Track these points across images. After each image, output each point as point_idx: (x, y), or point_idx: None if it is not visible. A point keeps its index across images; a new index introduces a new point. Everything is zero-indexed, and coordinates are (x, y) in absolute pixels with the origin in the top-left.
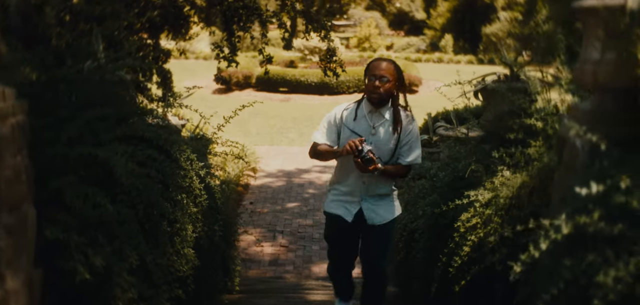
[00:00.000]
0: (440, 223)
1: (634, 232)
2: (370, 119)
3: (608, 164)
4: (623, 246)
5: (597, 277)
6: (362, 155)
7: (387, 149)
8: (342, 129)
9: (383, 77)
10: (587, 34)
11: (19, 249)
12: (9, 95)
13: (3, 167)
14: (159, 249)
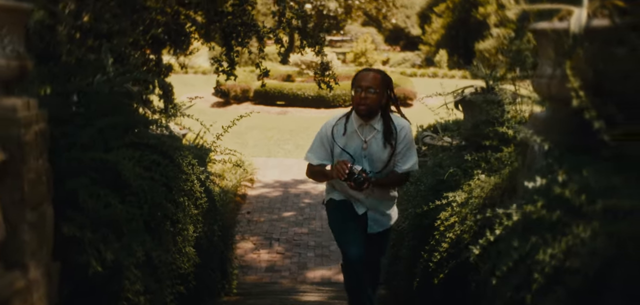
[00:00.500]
0: (423, 223)
1: (567, 218)
2: (361, 132)
3: (551, 162)
4: (559, 229)
5: (537, 255)
6: (353, 179)
7: (382, 160)
8: (334, 146)
9: (369, 88)
10: (541, 52)
11: (40, 243)
12: (33, 106)
13: (27, 170)
14: (162, 247)
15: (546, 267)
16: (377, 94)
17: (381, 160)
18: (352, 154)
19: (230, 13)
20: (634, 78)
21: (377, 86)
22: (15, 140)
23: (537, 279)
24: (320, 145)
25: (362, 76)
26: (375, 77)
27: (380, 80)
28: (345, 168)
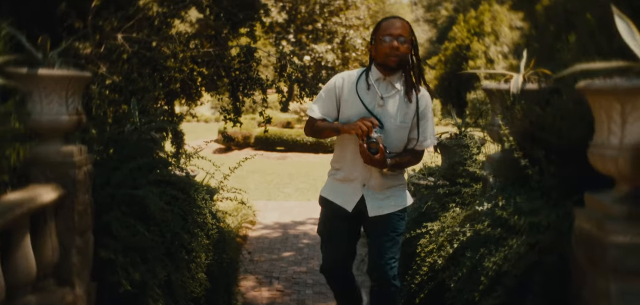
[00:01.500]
0: (407, 251)
1: (505, 233)
2: (377, 87)
3: (496, 191)
4: (499, 242)
5: (484, 263)
6: (369, 142)
7: (396, 126)
8: (342, 100)
9: (400, 36)
10: (491, 106)
11: (84, 265)
12: (83, 151)
13: (77, 203)
14: (179, 271)
15: (490, 271)
16: (408, 44)
17: (395, 127)
18: (366, 106)
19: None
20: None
21: (408, 35)
22: (70, 179)
23: (483, 281)
24: (326, 96)
25: (391, 23)
26: (404, 26)
27: (410, 30)
28: (370, 125)
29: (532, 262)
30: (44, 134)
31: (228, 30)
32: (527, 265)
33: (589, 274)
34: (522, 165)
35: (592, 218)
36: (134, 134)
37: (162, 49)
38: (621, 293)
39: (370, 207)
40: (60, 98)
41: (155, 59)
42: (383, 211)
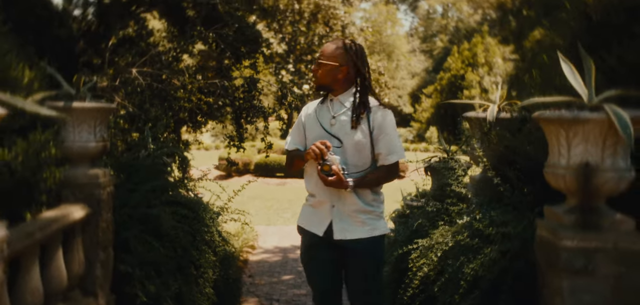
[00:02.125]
0: (401, 266)
1: (481, 243)
2: (331, 107)
3: (474, 207)
4: (476, 251)
5: (463, 269)
6: (324, 162)
7: (354, 143)
8: (306, 125)
9: (320, 60)
10: (471, 132)
11: (105, 277)
12: (106, 174)
13: (102, 220)
14: (189, 286)
15: (468, 276)
16: (332, 66)
17: (353, 143)
18: (323, 126)
19: (241, 98)
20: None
21: (334, 58)
22: (96, 199)
23: (463, 285)
24: (296, 127)
25: (323, 48)
26: (329, 48)
27: (340, 53)
28: (322, 148)
29: (503, 267)
30: (75, 158)
31: (232, 62)
32: (499, 270)
33: (547, 274)
34: (495, 184)
35: (548, 227)
36: (147, 159)
37: (172, 81)
38: (571, 289)
39: (335, 230)
40: (89, 127)
41: (166, 90)
42: (349, 235)
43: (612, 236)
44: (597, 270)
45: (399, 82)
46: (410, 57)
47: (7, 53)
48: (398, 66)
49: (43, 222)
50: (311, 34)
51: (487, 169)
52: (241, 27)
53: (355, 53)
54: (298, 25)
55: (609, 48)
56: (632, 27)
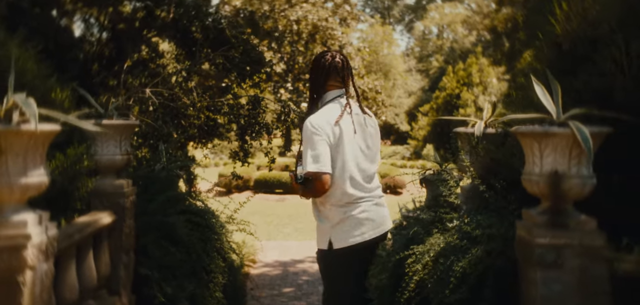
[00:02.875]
0: (398, 272)
1: (469, 244)
2: None
3: (464, 213)
4: (465, 251)
5: (453, 267)
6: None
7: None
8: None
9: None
10: (461, 146)
11: (128, 279)
12: (129, 184)
13: (125, 226)
14: (201, 289)
15: (457, 274)
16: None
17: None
18: None
19: (246, 115)
20: (507, 164)
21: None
22: (121, 206)
23: (452, 281)
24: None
25: None
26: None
27: (311, 67)
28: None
29: (487, 264)
30: (103, 170)
31: (237, 81)
32: (484, 267)
33: (524, 268)
34: (482, 192)
35: (525, 227)
36: (162, 172)
37: (182, 100)
38: (544, 280)
39: None
40: (116, 142)
41: (177, 108)
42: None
43: (577, 234)
44: (565, 264)
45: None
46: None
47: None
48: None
49: (79, 226)
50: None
51: (475, 178)
52: (247, 50)
53: (314, 62)
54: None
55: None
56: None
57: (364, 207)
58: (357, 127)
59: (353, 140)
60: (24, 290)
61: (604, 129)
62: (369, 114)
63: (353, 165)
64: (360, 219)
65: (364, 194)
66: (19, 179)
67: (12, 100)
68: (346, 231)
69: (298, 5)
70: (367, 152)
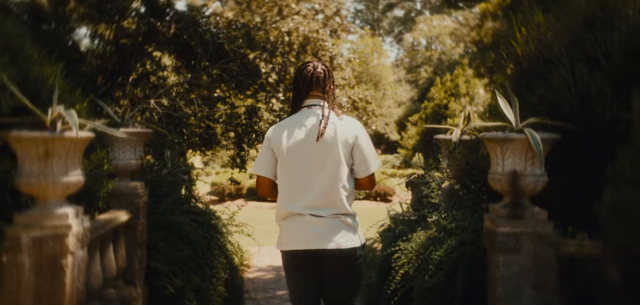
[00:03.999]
0: (385, 267)
1: (445, 236)
2: None
3: (442, 209)
4: (442, 242)
5: (431, 256)
6: None
7: None
8: None
9: None
10: (441, 151)
11: (141, 271)
12: (142, 186)
13: (139, 224)
14: (205, 282)
15: (435, 261)
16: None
17: None
18: None
19: (244, 124)
20: (480, 166)
21: None
22: (135, 206)
23: (431, 268)
24: None
25: None
26: None
27: (294, 77)
28: None
29: (460, 252)
30: (120, 173)
31: (234, 92)
32: (458, 255)
33: (490, 253)
34: (456, 190)
35: (491, 218)
36: (168, 176)
37: (184, 111)
38: (505, 262)
39: None
40: (131, 148)
41: (180, 118)
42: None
43: (531, 223)
44: (522, 248)
45: (386, 111)
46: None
47: (74, 90)
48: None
49: (103, 221)
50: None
51: (450, 177)
52: (244, 63)
53: (295, 73)
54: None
55: (533, 89)
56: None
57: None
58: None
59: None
60: (66, 272)
61: (553, 136)
62: (349, 123)
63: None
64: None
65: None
66: (62, 178)
67: (57, 112)
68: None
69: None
70: (323, 163)
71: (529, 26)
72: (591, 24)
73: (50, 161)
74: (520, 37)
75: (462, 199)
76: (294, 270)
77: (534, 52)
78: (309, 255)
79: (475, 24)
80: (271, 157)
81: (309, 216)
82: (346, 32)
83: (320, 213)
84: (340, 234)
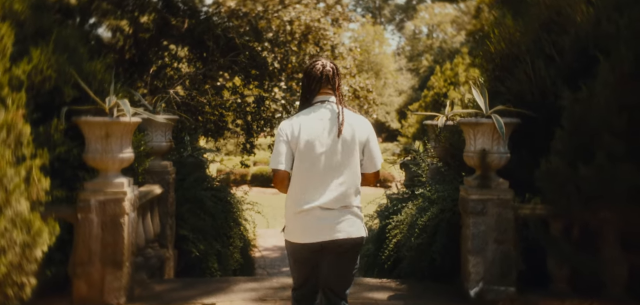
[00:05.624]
0: (380, 238)
1: (429, 204)
2: None
3: (429, 184)
4: (427, 210)
5: (417, 221)
6: None
7: None
8: None
9: None
10: (429, 135)
11: (171, 237)
12: (171, 165)
13: (169, 196)
14: (225, 249)
15: (420, 225)
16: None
17: None
18: None
19: (252, 112)
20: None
21: None
22: (166, 181)
23: (416, 232)
24: None
25: None
26: None
27: (304, 75)
28: None
29: (441, 218)
30: (153, 154)
31: (244, 83)
32: (439, 220)
33: (463, 217)
34: (440, 167)
35: (464, 188)
36: (189, 158)
37: (201, 99)
38: (474, 223)
39: None
40: (162, 132)
41: (195, 106)
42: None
43: (496, 192)
44: (487, 211)
45: (387, 99)
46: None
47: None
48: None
49: (144, 192)
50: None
51: (434, 157)
52: (253, 55)
53: (304, 71)
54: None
55: (504, 81)
56: (514, 69)
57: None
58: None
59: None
60: (124, 228)
61: (514, 120)
62: (362, 121)
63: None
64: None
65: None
66: (118, 154)
67: (114, 101)
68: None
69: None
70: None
71: (500, 28)
72: (549, 27)
73: (110, 141)
74: (493, 37)
75: (445, 175)
76: (303, 260)
77: (504, 50)
78: (320, 246)
79: (474, 13)
80: (290, 151)
81: (322, 209)
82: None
83: (333, 205)
84: (350, 223)
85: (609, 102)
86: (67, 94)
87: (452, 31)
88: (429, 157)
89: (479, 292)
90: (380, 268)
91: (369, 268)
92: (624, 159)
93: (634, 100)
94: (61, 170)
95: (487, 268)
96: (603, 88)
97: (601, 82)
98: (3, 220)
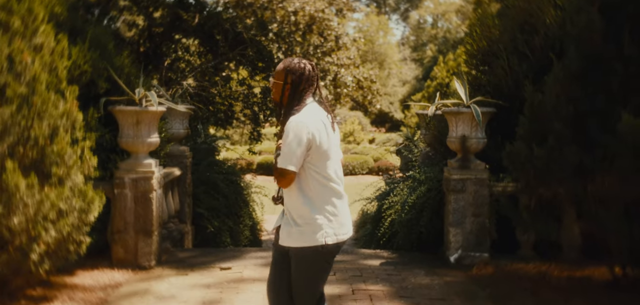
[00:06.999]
0: (377, 217)
1: (418, 185)
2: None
3: (420, 168)
4: (417, 189)
5: (408, 199)
6: None
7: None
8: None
9: (273, 80)
10: (420, 123)
11: (189, 214)
12: (188, 150)
13: (187, 178)
14: (237, 226)
15: (410, 203)
16: (278, 84)
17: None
18: None
19: (259, 102)
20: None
21: (279, 77)
22: (184, 165)
23: (407, 208)
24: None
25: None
26: (278, 68)
27: (281, 70)
28: None
29: (428, 196)
30: (173, 140)
31: (251, 75)
32: (426, 199)
33: (446, 194)
34: (428, 152)
35: (448, 170)
36: (203, 144)
37: (211, 90)
38: (455, 199)
39: (280, 234)
40: (180, 120)
41: (207, 97)
42: (284, 242)
43: (474, 172)
44: (466, 189)
45: (391, 90)
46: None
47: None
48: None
49: (166, 173)
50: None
51: (424, 143)
52: (259, 49)
53: (289, 71)
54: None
55: (484, 75)
56: (493, 63)
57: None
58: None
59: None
60: (153, 202)
61: (490, 109)
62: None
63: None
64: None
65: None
66: (147, 139)
67: (143, 92)
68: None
69: None
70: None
71: (482, 27)
72: (523, 27)
73: (140, 127)
74: (475, 35)
75: (433, 159)
76: (328, 265)
77: (485, 47)
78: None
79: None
80: (304, 153)
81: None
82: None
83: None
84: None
85: (559, 95)
86: (100, 86)
87: (457, 20)
88: (421, 143)
89: (457, 258)
90: (376, 244)
91: (366, 245)
92: (570, 142)
93: (578, 95)
94: (97, 153)
95: (465, 237)
96: (554, 84)
97: (553, 79)
98: (66, 189)
